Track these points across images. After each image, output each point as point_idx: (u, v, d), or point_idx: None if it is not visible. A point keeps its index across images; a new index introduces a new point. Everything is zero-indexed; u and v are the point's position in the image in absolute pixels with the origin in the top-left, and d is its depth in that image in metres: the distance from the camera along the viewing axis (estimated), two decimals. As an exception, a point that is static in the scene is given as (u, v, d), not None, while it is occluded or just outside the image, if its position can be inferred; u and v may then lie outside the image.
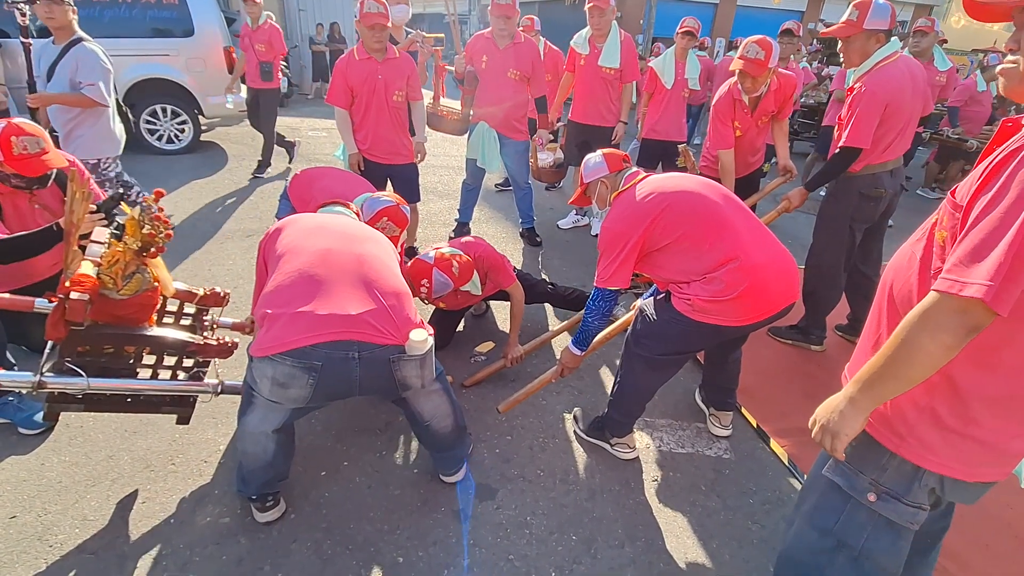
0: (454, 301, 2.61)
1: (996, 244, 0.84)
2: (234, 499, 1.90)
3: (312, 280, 1.51)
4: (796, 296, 1.82)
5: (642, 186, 1.90)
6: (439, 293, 2.43)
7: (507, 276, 2.64)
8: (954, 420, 1.01)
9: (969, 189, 0.93)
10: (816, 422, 1.11)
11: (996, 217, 0.85)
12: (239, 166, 5.84)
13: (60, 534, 1.75)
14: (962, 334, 0.88)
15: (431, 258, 2.43)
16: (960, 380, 0.99)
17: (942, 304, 0.89)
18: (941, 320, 0.89)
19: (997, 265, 0.83)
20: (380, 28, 3.05)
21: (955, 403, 1.00)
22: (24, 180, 2.09)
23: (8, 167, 2.01)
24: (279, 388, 1.46)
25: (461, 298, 2.59)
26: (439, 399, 1.81)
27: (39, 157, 2.04)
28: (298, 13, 11.62)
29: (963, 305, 0.86)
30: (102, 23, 5.34)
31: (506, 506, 1.96)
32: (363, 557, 1.74)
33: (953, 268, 0.88)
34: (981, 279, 0.83)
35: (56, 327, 1.55)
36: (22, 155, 2.00)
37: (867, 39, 2.34)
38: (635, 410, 2.13)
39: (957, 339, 0.88)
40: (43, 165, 2.06)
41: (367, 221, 2.18)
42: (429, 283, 2.39)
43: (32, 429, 2.12)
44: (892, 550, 1.14)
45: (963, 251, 0.87)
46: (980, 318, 0.86)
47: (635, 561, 1.79)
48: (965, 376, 0.98)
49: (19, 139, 1.99)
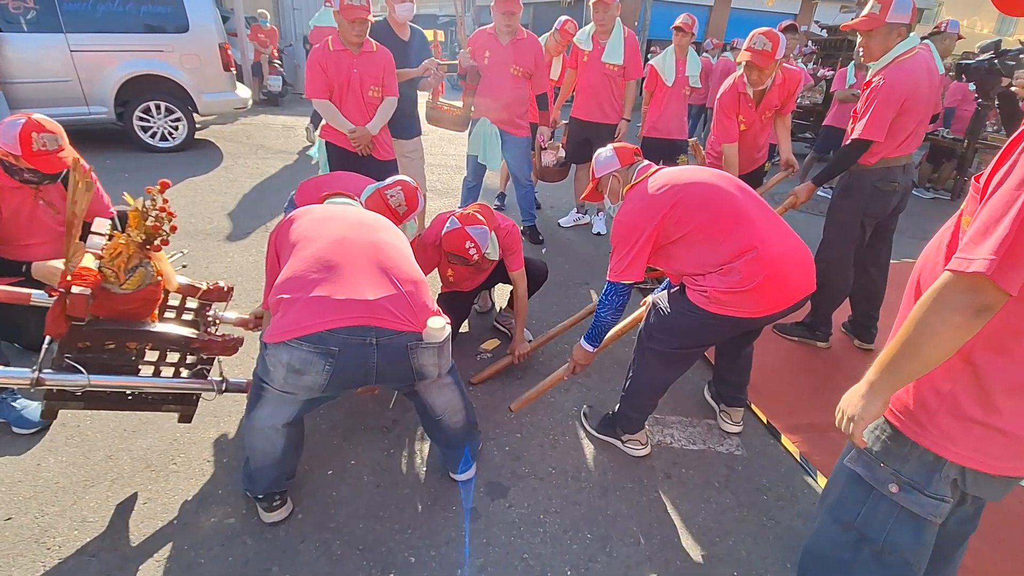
0: (465, 274, 2.57)
1: (1003, 219, 0.82)
2: (239, 499, 1.85)
3: (328, 266, 1.47)
4: (813, 287, 1.80)
5: (655, 178, 1.88)
6: (485, 246, 2.33)
7: (519, 259, 2.60)
8: (975, 409, 0.98)
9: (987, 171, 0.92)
10: (840, 410, 1.10)
11: (1004, 192, 0.84)
12: (235, 164, 5.77)
13: (58, 536, 1.69)
14: (970, 314, 0.86)
15: (455, 222, 2.34)
16: (981, 367, 0.97)
17: (952, 284, 0.88)
18: (950, 299, 0.87)
19: (1000, 240, 0.81)
20: (361, 22, 2.94)
21: (976, 391, 0.98)
22: (37, 175, 2.05)
23: (25, 162, 1.98)
24: (294, 375, 1.41)
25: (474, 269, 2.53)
26: (451, 393, 1.77)
27: (56, 154, 2.01)
28: (292, 12, 11.54)
29: (971, 283, 0.85)
30: (95, 17, 5.25)
31: (518, 504, 1.92)
32: (374, 557, 1.69)
33: (964, 247, 0.87)
34: (984, 254, 0.82)
35: (56, 322, 1.49)
36: (41, 151, 1.97)
37: (888, 33, 2.33)
38: (647, 406, 2.10)
39: (966, 319, 0.86)
40: (60, 162, 2.03)
41: (381, 188, 2.14)
42: (472, 241, 2.29)
43: (26, 428, 2.06)
44: (915, 544, 1.12)
45: (974, 230, 0.86)
46: (990, 297, 0.84)
47: (651, 558, 1.76)
48: (986, 363, 0.96)
49: (39, 135, 1.96)
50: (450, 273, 2.61)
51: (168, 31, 5.64)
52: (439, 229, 2.41)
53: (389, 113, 3.24)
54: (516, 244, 2.57)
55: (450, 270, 2.60)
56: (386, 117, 3.22)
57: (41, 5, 4.98)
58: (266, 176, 5.47)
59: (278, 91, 9.70)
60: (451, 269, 2.59)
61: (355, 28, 2.96)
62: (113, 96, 5.54)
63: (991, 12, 19.24)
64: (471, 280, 2.66)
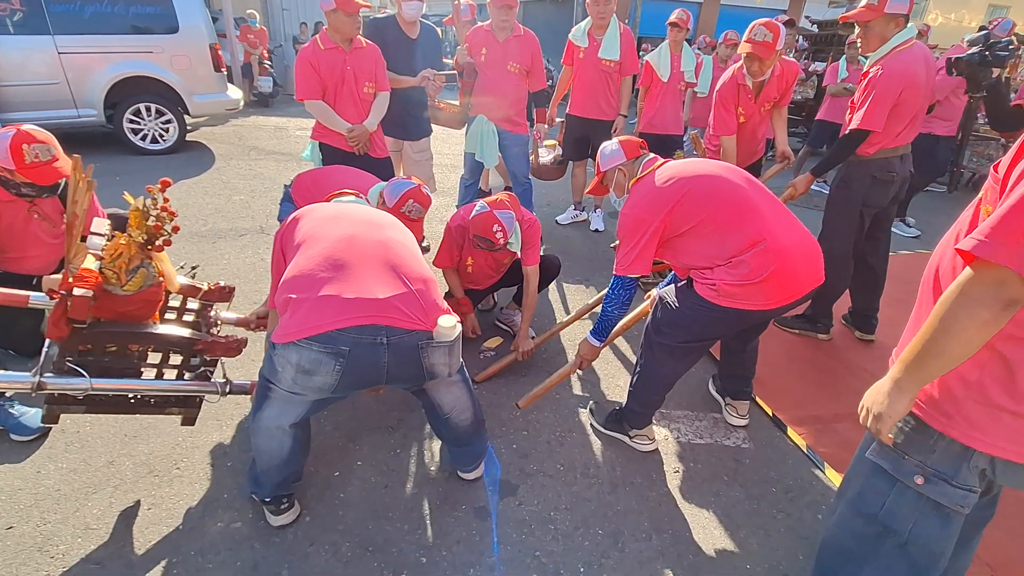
0: (485, 269, 2.57)
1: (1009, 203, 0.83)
2: (244, 503, 1.82)
3: (337, 264, 1.44)
4: (822, 279, 1.80)
5: (662, 171, 1.87)
6: (511, 229, 2.37)
7: (536, 253, 2.59)
8: (1004, 397, 0.97)
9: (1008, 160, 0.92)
10: (864, 407, 1.08)
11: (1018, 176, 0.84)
12: (227, 166, 5.71)
13: (61, 544, 1.65)
14: (998, 308, 0.85)
15: (483, 206, 2.38)
16: (1009, 355, 0.96)
17: (977, 278, 0.87)
18: (976, 294, 0.87)
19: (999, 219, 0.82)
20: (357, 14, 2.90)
21: (1005, 379, 0.97)
22: (35, 189, 2.00)
23: (20, 176, 1.92)
24: (304, 376, 1.38)
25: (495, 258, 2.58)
26: (459, 391, 1.75)
27: (51, 164, 1.95)
28: (281, 12, 11.47)
29: (997, 277, 0.84)
30: (83, 19, 5.17)
31: (528, 502, 1.91)
32: (384, 558, 1.67)
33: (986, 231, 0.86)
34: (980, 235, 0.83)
35: (58, 325, 1.46)
36: (34, 163, 1.91)
37: (886, 23, 2.33)
38: (655, 400, 2.09)
39: (993, 313, 0.86)
40: (56, 173, 1.97)
41: (393, 205, 2.14)
42: (500, 224, 2.32)
43: (25, 435, 2.02)
44: (941, 535, 1.11)
45: (998, 217, 0.85)
46: (1016, 291, 0.83)
47: (663, 553, 1.75)
48: (1013, 350, 0.95)
49: (31, 147, 1.90)
50: (469, 263, 2.60)
51: (158, 32, 5.57)
52: (466, 215, 2.46)
53: (384, 109, 3.20)
54: (536, 238, 2.57)
55: (470, 259, 2.59)
56: (381, 113, 3.19)
57: (28, 6, 4.90)
58: (259, 177, 5.42)
59: (268, 92, 9.63)
60: (471, 258, 2.59)
61: (355, 21, 2.93)
62: (102, 98, 5.46)
63: (978, 7, 19.43)
64: (489, 277, 2.65)
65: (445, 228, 2.63)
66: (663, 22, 4.45)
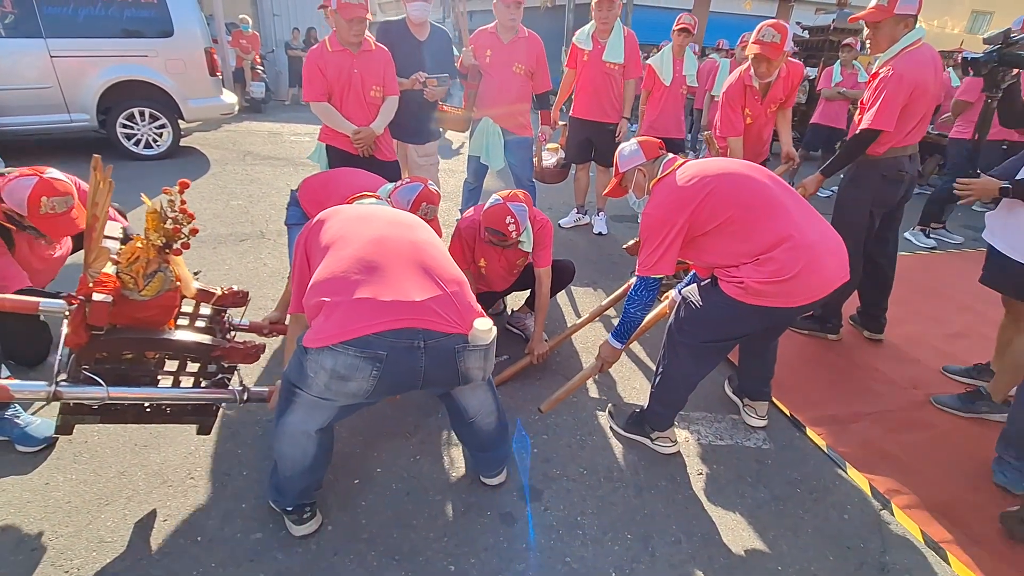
0: (499, 269, 2.57)
1: None
2: (264, 513, 1.77)
3: (370, 266, 1.40)
4: (847, 275, 1.79)
5: (684, 170, 1.86)
6: (524, 224, 2.36)
7: (548, 255, 2.57)
8: None
9: None
10: None
11: None
12: (223, 171, 5.64)
13: (76, 558, 1.59)
14: None
15: (497, 199, 2.37)
16: None
17: None
18: None
19: None
20: (359, 21, 2.86)
21: None
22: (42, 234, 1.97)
23: (30, 222, 1.89)
24: (339, 381, 1.33)
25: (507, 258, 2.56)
26: (484, 394, 1.72)
27: (67, 216, 1.91)
28: (273, 18, 11.41)
29: None
30: (76, 22, 5.09)
31: (554, 507, 1.87)
32: (412, 567, 1.63)
33: None
34: None
35: (77, 332, 1.41)
36: (49, 215, 1.88)
37: (896, 24, 2.35)
38: (678, 401, 2.08)
39: None
40: (70, 226, 1.93)
41: (408, 210, 2.10)
42: (513, 217, 2.30)
43: (31, 446, 1.95)
44: None
45: None
46: None
47: (694, 557, 1.73)
48: None
49: (49, 200, 1.86)
50: (482, 264, 2.57)
51: (152, 35, 5.49)
52: (476, 214, 2.46)
53: (392, 113, 3.16)
54: (548, 239, 2.55)
55: (483, 261, 2.56)
56: (389, 117, 3.15)
57: (20, 9, 4.82)
58: (256, 182, 5.35)
59: (261, 98, 9.57)
60: (484, 260, 2.56)
61: (353, 28, 2.88)
62: (95, 103, 5.38)
63: (962, 12, 19.79)
64: (503, 279, 2.62)
65: (455, 229, 2.60)
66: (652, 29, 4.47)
